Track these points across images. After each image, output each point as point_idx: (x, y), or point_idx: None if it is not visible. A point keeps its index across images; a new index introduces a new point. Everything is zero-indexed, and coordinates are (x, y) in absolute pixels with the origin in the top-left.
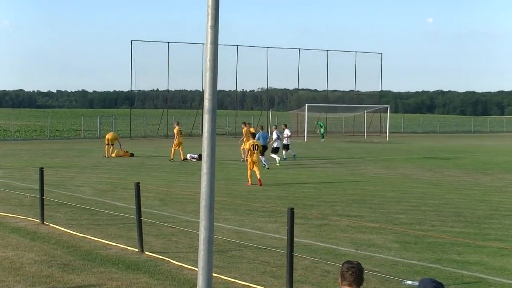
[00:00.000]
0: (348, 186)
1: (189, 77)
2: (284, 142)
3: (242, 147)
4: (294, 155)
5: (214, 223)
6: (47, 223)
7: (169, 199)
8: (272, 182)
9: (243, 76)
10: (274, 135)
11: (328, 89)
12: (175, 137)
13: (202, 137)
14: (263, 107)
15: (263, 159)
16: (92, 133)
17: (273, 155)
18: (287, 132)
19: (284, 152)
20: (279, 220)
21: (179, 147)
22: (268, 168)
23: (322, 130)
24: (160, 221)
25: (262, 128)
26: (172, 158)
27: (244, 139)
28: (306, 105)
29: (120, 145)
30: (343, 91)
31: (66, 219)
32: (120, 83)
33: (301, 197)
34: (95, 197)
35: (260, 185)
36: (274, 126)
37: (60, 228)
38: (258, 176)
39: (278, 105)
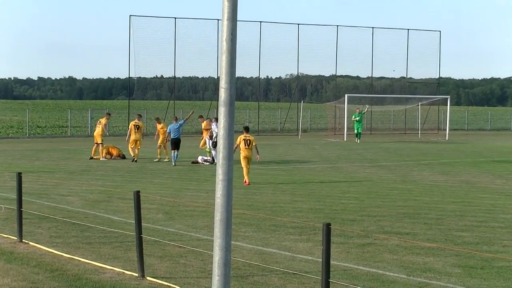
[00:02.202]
0: (398, 196)
1: (200, 61)
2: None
3: (201, 145)
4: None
5: (232, 242)
6: (26, 241)
7: (176, 212)
8: (302, 190)
9: (267, 59)
10: (214, 127)
11: (373, 75)
12: (129, 133)
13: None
14: (293, 98)
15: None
16: (82, 130)
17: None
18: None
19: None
20: (312, 238)
21: (135, 144)
22: (174, 165)
23: (358, 126)
24: (165, 239)
25: (216, 120)
26: (135, 159)
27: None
28: (346, 95)
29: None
30: (392, 78)
31: (50, 236)
32: (115, 69)
33: (340, 209)
34: (85, 209)
35: (247, 184)
36: (213, 118)
37: (42, 247)
38: (245, 174)
39: (311, 95)
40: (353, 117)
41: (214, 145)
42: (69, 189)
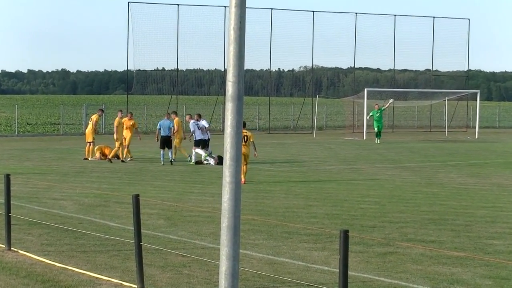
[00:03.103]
0: (423, 200)
1: (206, 52)
2: (203, 137)
3: (175, 144)
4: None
5: (240, 250)
6: (15, 249)
7: (179, 218)
8: (317, 194)
9: (279, 50)
10: (192, 127)
11: (395, 68)
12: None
13: (223, 134)
14: (307, 93)
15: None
16: (76, 128)
17: (198, 150)
18: (203, 123)
19: (196, 150)
20: (329, 246)
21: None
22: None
23: (378, 124)
24: (167, 247)
25: (200, 116)
26: (124, 157)
27: (176, 133)
28: (366, 89)
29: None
30: (416, 71)
31: (41, 244)
32: (113, 61)
33: (359, 215)
34: (79, 214)
35: (243, 182)
36: (188, 116)
37: (32, 256)
38: (243, 173)
39: (327, 89)
40: (370, 114)
41: (198, 143)
42: (62, 193)
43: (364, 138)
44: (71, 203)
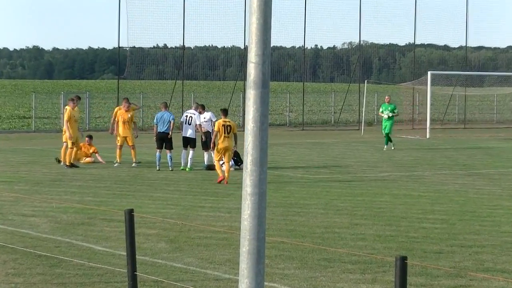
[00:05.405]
0: (504, 218)
1: (221, 25)
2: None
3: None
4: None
5: (265, 283)
6: None
7: (186, 240)
8: (365, 209)
9: (316, 23)
10: (203, 118)
11: (467, 45)
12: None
13: (244, 130)
14: (353, 77)
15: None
16: (51, 123)
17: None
18: (209, 116)
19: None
20: (381, 278)
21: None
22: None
23: (386, 124)
24: (169, 278)
25: (203, 108)
26: (70, 162)
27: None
28: (429, 72)
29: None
30: (494, 48)
31: (6, 274)
32: (99, 36)
33: (420, 237)
34: (55, 235)
35: (226, 183)
36: (195, 104)
37: None
38: (226, 172)
39: (378, 73)
40: (381, 110)
41: (206, 145)
42: (34, 207)
43: (428, 136)
44: (45, 220)
